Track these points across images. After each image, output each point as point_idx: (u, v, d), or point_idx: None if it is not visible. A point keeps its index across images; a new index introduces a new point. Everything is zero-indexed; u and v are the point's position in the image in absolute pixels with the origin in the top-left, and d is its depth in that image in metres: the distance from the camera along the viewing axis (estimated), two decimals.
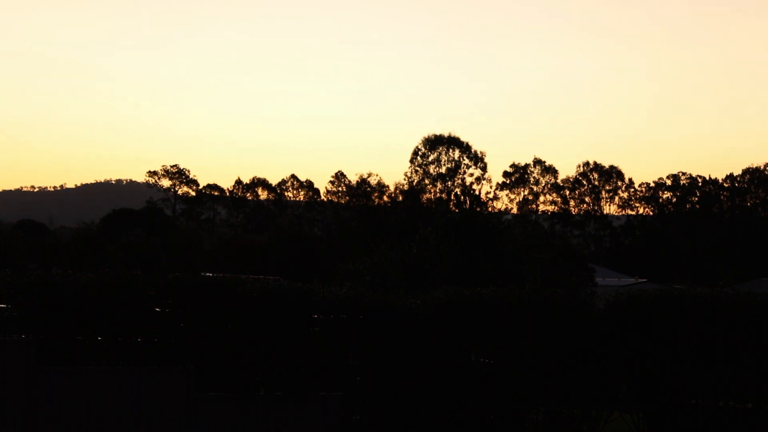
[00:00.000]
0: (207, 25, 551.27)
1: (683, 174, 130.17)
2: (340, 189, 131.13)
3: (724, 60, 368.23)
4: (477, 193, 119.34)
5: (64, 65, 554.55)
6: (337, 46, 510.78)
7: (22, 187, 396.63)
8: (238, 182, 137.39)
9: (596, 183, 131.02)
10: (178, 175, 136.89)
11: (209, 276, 21.09)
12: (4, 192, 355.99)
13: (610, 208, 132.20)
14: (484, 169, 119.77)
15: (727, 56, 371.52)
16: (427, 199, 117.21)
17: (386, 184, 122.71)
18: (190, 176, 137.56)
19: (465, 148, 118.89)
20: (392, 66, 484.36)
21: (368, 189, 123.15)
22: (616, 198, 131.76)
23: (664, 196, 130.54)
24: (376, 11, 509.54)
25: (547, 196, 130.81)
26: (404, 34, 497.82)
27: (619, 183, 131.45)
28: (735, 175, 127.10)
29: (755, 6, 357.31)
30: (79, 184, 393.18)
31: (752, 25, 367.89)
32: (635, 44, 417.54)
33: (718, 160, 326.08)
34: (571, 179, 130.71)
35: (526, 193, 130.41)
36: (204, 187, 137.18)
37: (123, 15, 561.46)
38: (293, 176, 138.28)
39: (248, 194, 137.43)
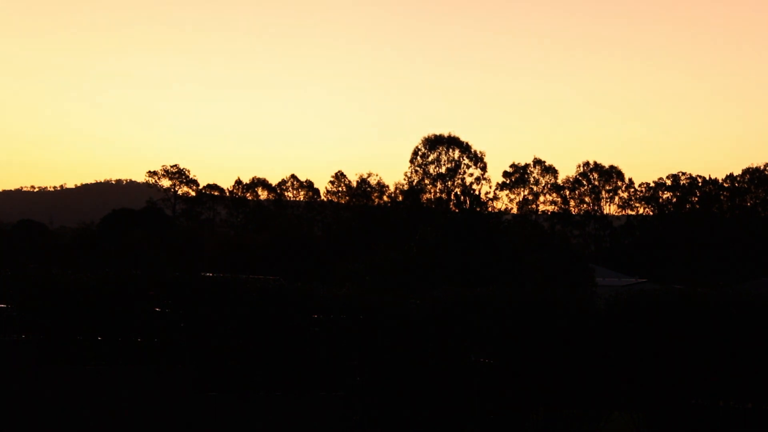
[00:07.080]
0: (206, 25, 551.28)
1: (683, 174, 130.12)
2: (340, 189, 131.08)
3: (724, 60, 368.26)
4: (477, 193, 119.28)
5: (63, 66, 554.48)
6: (337, 46, 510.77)
7: (22, 187, 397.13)
8: (238, 182, 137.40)
9: (596, 183, 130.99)
10: (178, 175, 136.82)
11: (209, 276, 21.08)
12: (4, 192, 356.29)
13: (610, 208, 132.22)
14: (484, 169, 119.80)
15: (728, 56, 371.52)
16: (427, 199, 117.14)
17: (386, 184, 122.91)
18: (190, 176, 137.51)
19: (465, 148, 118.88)
20: (392, 66, 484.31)
21: (368, 189, 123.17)
22: (616, 198, 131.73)
23: (664, 196, 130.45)
24: (377, 11, 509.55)
25: (547, 196, 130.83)
26: (405, 33, 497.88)
27: (619, 183, 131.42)
28: (735, 175, 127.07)
29: (755, 5, 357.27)
30: (79, 184, 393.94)
31: (752, 25, 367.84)
32: (635, 43, 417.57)
33: (718, 160, 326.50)
34: (571, 179, 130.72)
35: (526, 193, 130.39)
36: (204, 187, 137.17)
37: (123, 16, 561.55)
38: (293, 176, 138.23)
39: (248, 194, 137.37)
